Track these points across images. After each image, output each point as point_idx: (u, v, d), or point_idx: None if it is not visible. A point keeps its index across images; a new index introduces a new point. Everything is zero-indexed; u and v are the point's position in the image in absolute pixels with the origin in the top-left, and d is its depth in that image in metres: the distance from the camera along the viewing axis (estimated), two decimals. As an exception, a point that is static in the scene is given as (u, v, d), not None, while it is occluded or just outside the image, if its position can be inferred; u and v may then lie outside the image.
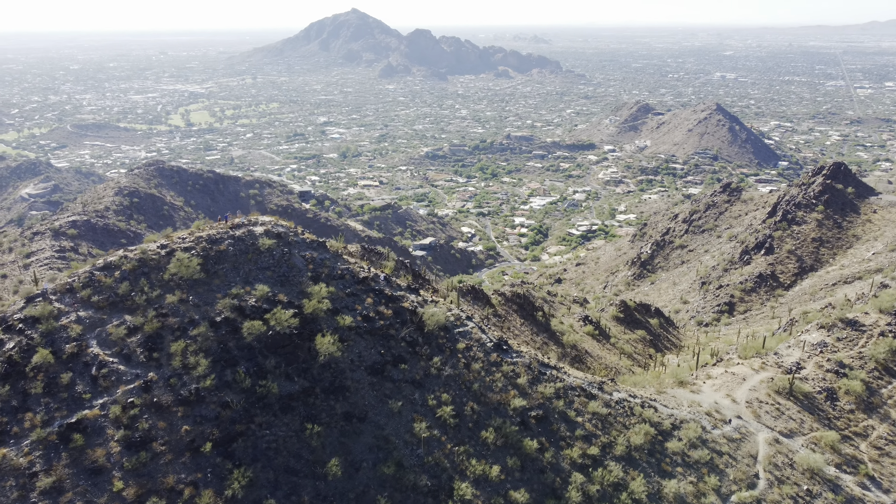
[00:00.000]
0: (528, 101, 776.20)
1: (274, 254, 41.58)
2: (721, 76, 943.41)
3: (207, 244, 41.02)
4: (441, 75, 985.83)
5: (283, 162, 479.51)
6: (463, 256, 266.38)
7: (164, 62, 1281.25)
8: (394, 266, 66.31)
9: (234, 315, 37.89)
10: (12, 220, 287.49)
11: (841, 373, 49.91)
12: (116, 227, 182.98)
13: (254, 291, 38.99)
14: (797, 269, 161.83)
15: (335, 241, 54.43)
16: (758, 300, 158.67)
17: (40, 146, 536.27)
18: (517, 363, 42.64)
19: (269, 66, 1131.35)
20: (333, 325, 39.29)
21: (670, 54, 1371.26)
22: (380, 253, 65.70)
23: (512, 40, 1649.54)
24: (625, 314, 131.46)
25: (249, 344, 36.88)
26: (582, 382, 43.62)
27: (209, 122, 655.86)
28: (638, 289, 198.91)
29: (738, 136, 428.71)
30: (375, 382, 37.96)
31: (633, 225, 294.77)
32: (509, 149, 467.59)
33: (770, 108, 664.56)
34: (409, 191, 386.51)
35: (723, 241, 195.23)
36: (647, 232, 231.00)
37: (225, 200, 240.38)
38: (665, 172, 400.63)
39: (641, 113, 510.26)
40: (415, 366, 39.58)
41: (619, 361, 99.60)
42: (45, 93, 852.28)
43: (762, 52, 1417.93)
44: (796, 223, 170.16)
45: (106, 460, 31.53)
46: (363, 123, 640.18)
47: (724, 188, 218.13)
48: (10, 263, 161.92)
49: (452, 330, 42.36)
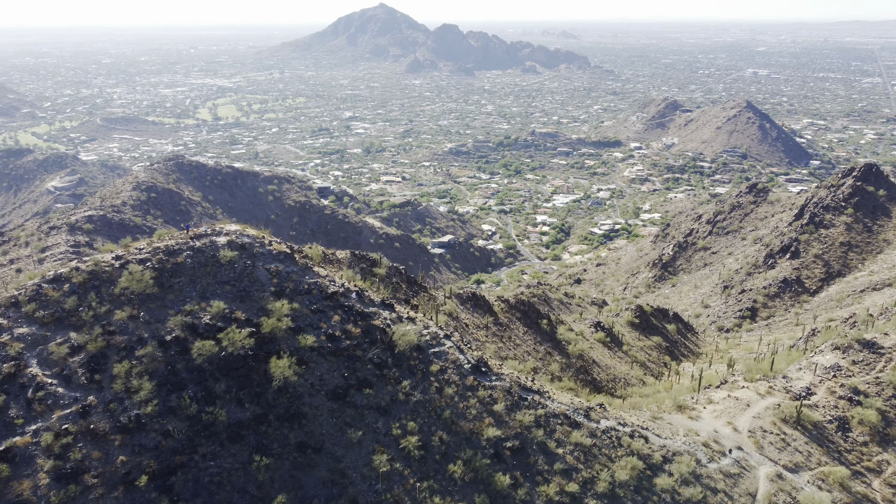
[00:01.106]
0: (554, 97, 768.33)
1: (235, 267, 38.86)
2: (753, 72, 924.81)
3: (164, 256, 38.43)
4: (468, 70, 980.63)
5: (307, 157, 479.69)
6: (482, 255, 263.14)
7: (194, 56, 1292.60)
8: (385, 273, 63.54)
9: (186, 334, 35.26)
10: (38, 213, 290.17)
11: (855, 400, 45.97)
12: (132, 222, 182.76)
13: (209, 308, 36.31)
14: (824, 274, 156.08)
15: (313, 249, 51.71)
16: (781, 306, 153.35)
17: (70, 139, 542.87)
18: (496, 387, 39.49)
19: (296, 61, 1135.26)
20: (294, 345, 36.48)
21: (701, 50, 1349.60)
22: (371, 259, 62.85)
23: (540, 35, 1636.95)
24: (640, 319, 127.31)
25: (200, 366, 34.24)
26: (566, 409, 40.34)
27: (236, 117, 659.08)
28: (658, 291, 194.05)
29: (768, 134, 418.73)
30: (336, 409, 35.10)
31: (657, 224, 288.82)
32: (534, 145, 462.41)
33: (803, 105, 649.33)
34: (432, 187, 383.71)
35: (747, 244, 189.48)
36: (670, 233, 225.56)
37: (243, 196, 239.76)
38: (692, 171, 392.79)
39: (669, 110, 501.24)
40: (381, 390, 36.63)
41: (629, 371, 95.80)
42: (77, 86, 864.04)
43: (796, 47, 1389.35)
44: (824, 226, 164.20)
45: (32, 493, 29.13)
46: (388, 118, 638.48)
47: (750, 189, 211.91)
48: (25, 258, 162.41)
49: (427, 350, 39.31)
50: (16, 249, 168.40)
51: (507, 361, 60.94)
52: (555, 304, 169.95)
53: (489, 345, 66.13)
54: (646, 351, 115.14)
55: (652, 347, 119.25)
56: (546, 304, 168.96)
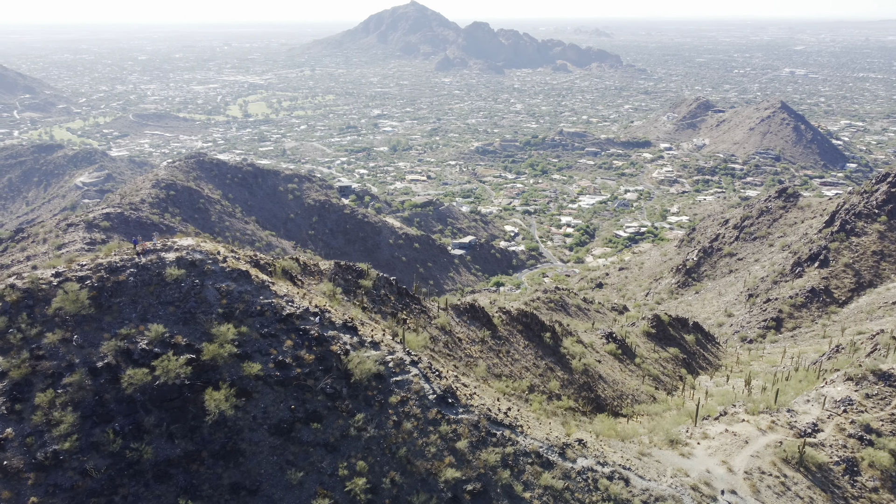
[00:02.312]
0: (585, 96, 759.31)
1: (182, 286, 36.09)
2: (790, 72, 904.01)
3: (106, 273, 35.82)
4: (498, 69, 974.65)
5: (333, 154, 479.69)
6: (503, 256, 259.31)
7: (227, 53, 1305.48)
8: (372, 285, 60.57)
9: (119, 360, 32.57)
10: (66, 208, 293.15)
11: (866, 439, 41.74)
12: (149, 220, 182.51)
13: (147, 332, 33.63)
14: (854, 284, 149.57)
15: (287, 261, 48.87)
16: (808, 317, 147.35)
17: (103, 135, 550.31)
18: (461, 421, 36.19)
19: (327, 58, 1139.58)
20: (237, 373, 33.59)
21: (737, 49, 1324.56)
22: (358, 270, 59.81)
23: (572, 33, 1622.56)
24: (657, 329, 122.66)
25: (130, 396, 31.54)
26: (539, 446, 36.89)
27: (266, 114, 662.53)
28: (681, 298, 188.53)
29: (803, 135, 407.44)
30: (278, 445, 32.15)
31: (684, 227, 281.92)
32: (561, 145, 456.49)
33: (841, 106, 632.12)
34: (457, 186, 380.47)
35: (775, 251, 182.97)
36: (695, 237, 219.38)
37: (263, 194, 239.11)
38: (723, 173, 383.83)
39: (701, 110, 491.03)
40: (331, 425, 33.56)
41: (639, 386, 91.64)
42: (112, 82, 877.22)
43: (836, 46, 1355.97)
44: (855, 234, 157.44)
45: (-69, 538, 26.73)
46: (416, 117, 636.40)
47: (779, 193, 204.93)
48: (41, 255, 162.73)
49: (388, 379, 36.15)
50: (34, 246, 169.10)
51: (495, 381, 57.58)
52: (572, 310, 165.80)
53: (481, 361, 62.77)
54: (661, 363, 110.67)
55: (668, 359, 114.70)
56: (563, 309, 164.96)
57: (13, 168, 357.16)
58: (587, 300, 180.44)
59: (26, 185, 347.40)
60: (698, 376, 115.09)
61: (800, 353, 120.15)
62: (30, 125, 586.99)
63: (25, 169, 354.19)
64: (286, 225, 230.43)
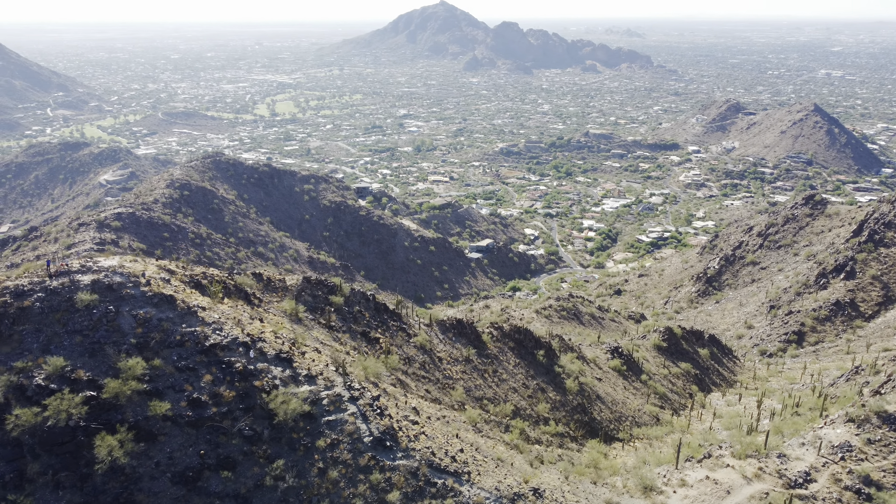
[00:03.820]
0: (613, 97, 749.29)
1: (93, 312, 32.86)
2: (826, 73, 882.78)
3: (10, 298, 32.75)
4: (526, 69, 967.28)
5: (357, 154, 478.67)
6: (521, 260, 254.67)
7: (257, 52, 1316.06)
8: (344, 301, 57.11)
9: (11, 397, 29.48)
10: (89, 205, 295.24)
11: (864, 493, 37.11)
12: (161, 220, 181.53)
13: (45, 366, 30.48)
14: (882, 297, 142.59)
15: (243, 277, 45.58)
16: (832, 331, 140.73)
17: (133, 132, 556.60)
18: (398, 468, 32.44)
19: (356, 58, 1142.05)
20: (142, 413, 30.28)
21: (771, 49, 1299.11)
22: (329, 286, 56.35)
23: (604, 34, 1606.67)
24: (669, 343, 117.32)
25: (17, 439, 28.45)
26: (486, 497, 32.98)
27: (293, 113, 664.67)
28: (701, 307, 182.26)
29: (836, 139, 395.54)
30: (181, 497, 28.72)
31: (709, 233, 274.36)
32: (587, 147, 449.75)
33: (879, 108, 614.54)
34: (479, 187, 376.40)
35: (799, 260, 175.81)
36: (718, 244, 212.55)
37: (279, 195, 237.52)
38: (752, 177, 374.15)
39: (731, 112, 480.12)
40: (245, 472, 30.05)
41: (643, 406, 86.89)
42: (144, 81, 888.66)
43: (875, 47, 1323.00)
44: (884, 245, 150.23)
45: None
46: (442, 117, 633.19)
47: (806, 200, 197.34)
48: (50, 254, 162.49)
49: (319, 419, 32.54)
50: (45, 245, 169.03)
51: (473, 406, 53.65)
52: (585, 319, 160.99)
53: (461, 384, 58.92)
54: (670, 380, 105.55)
55: (678, 375, 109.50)
56: (576, 318, 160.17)
57: (40, 165, 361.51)
58: (602, 308, 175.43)
59: (52, 183, 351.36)
60: (710, 394, 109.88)
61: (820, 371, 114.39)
62: (62, 122, 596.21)
63: (52, 166, 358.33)
64: (301, 226, 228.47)
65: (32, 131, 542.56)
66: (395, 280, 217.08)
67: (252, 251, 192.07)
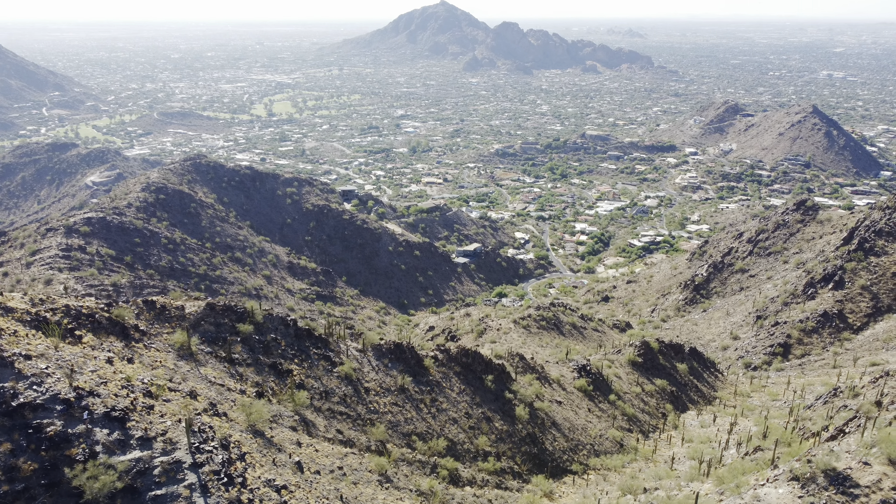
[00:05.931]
0: (613, 98, 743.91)
1: None
2: (827, 74, 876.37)
3: None
4: (526, 69, 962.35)
5: (352, 155, 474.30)
6: (510, 265, 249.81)
7: (258, 52, 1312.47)
8: (255, 329, 52.38)
9: None
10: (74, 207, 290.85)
11: (801, 566, 32.31)
12: (132, 225, 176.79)
13: None
14: (871, 309, 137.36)
15: (121, 308, 40.91)
16: (819, 343, 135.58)
17: (128, 132, 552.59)
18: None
19: (356, 58, 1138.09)
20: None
21: (773, 50, 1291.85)
22: (239, 312, 51.57)
23: (605, 34, 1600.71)
24: (645, 358, 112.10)
25: None
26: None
27: (290, 113, 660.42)
28: (688, 316, 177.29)
29: (835, 141, 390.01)
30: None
31: (703, 237, 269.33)
32: (583, 148, 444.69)
33: (880, 110, 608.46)
34: (473, 189, 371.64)
35: (789, 268, 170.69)
36: (708, 250, 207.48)
37: (260, 198, 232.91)
38: (749, 179, 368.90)
39: (729, 114, 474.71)
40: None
41: (606, 431, 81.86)
42: (142, 80, 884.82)
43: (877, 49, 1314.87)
44: (874, 254, 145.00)
45: None
46: (440, 117, 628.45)
47: (797, 206, 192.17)
48: (15, 261, 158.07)
49: (145, 494, 27.73)
50: (10, 251, 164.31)
51: (396, 444, 48.95)
52: (566, 329, 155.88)
53: (387, 417, 54.17)
54: (642, 399, 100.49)
55: (652, 393, 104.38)
56: (555, 328, 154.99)
57: (28, 166, 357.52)
58: (585, 317, 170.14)
59: (39, 184, 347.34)
60: (686, 412, 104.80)
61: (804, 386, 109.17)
62: (57, 122, 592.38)
63: (39, 167, 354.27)
64: (282, 230, 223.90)
65: (27, 131, 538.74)
66: (378, 286, 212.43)
67: (229, 256, 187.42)
